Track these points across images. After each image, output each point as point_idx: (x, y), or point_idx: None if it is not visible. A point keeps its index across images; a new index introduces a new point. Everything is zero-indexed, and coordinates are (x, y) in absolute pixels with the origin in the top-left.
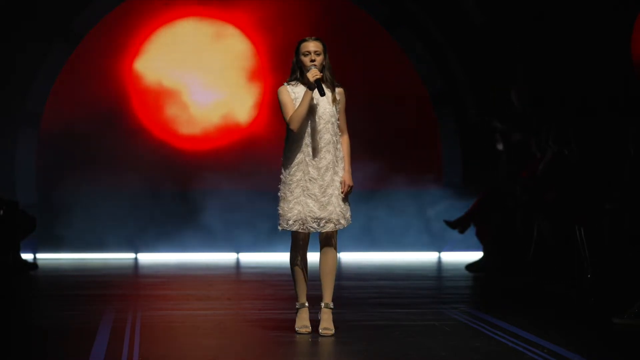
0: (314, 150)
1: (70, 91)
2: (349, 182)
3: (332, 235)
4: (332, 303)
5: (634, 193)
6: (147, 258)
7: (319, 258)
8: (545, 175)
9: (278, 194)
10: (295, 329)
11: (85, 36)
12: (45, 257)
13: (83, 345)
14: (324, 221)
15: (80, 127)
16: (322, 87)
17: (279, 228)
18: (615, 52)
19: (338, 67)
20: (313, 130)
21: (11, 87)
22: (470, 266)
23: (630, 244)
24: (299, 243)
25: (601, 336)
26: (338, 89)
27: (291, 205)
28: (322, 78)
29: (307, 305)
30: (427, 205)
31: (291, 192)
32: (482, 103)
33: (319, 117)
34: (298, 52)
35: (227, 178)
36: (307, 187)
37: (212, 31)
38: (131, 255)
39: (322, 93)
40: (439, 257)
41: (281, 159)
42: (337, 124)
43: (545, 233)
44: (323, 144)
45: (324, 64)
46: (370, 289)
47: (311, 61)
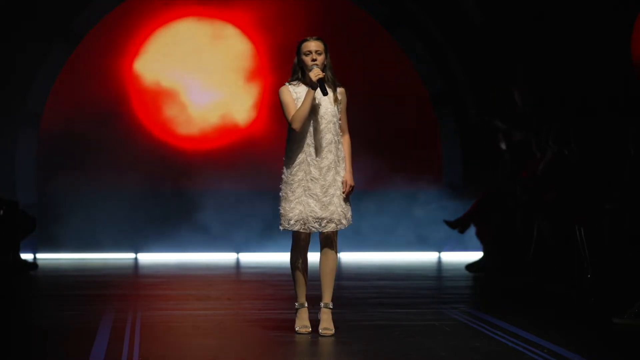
0: (316, 150)
1: (70, 91)
2: (351, 182)
3: (333, 235)
4: (332, 303)
5: (634, 193)
6: (147, 258)
7: (319, 258)
8: (545, 175)
9: (279, 194)
10: (295, 329)
11: (85, 36)
12: (45, 257)
13: (83, 345)
14: (326, 221)
15: (80, 127)
16: (325, 87)
17: (280, 228)
18: (615, 52)
19: (338, 67)
20: (315, 130)
21: (11, 87)
22: (470, 266)
23: (630, 244)
24: (300, 243)
25: (601, 336)
26: (339, 89)
27: (292, 205)
28: (324, 77)
29: (307, 305)
30: (428, 205)
31: (292, 192)
32: (482, 103)
33: (321, 117)
34: (299, 52)
35: (227, 178)
36: (309, 187)
37: (212, 31)
38: (131, 255)
39: (325, 92)
40: (439, 257)
41: (282, 159)
42: (339, 124)
43: (545, 233)
44: (325, 144)
45: (326, 64)
46: (370, 289)
47: (312, 61)
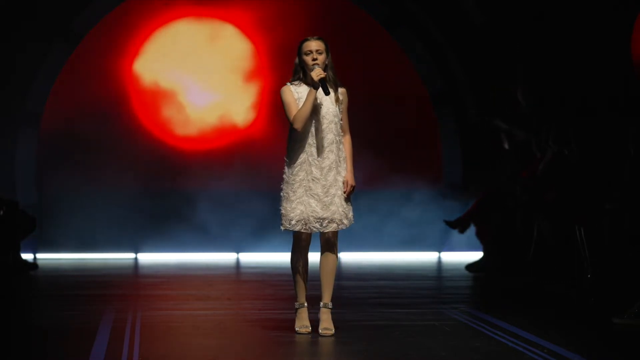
0: (318, 150)
1: (70, 91)
2: (352, 182)
3: (333, 235)
4: (331, 303)
5: (634, 193)
6: (147, 258)
7: (320, 258)
8: (545, 175)
9: (280, 194)
10: (295, 329)
11: (85, 36)
12: (45, 257)
13: (83, 345)
14: (327, 221)
15: (80, 127)
16: (327, 86)
17: (282, 228)
18: (615, 52)
19: (338, 67)
20: (316, 130)
21: (11, 87)
22: (470, 266)
23: (630, 244)
24: (301, 243)
25: (601, 336)
26: (341, 89)
27: (294, 205)
28: (326, 77)
29: (307, 305)
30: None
31: (294, 192)
32: (482, 103)
33: (323, 117)
34: (300, 52)
35: (227, 178)
36: (310, 187)
37: (212, 31)
38: (131, 255)
39: (327, 92)
40: (439, 257)
41: (284, 159)
42: (340, 124)
43: (545, 233)
44: (326, 144)
45: (327, 63)
46: (370, 289)
47: (313, 60)
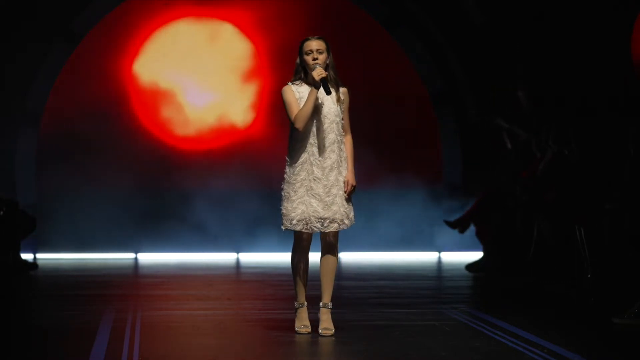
0: (319, 149)
1: (70, 91)
2: (352, 182)
3: (334, 235)
4: (331, 303)
5: (634, 193)
6: (147, 258)
7: (320, 258)
8: (545, 175)
9: (281, 193)
10: (295, 329)
11: (85, 36)
12: (45, 257)
13: (83, 345)
14: (328, 221)
15: (80, 127)
16: (328, 86)
17: (282, 228)
18: (615, 52)
19: (338, 67)
20: (318, 129)
21: (11, 87)
22: (470, 266)
23: (630, 244)
24: (302, 243)
25: (601, 336)
26: (342, 89)
27: (295, 204)
28: (327, 77)
29: (306, 304)
30: (427, 205)
31: (295, 192)
32: (482, 103)
33: (324, 117)
34: (301, 52)
35: (228, 178)
36: (311, 187)
37: (212, 32)
38: (131, 255)
39: (328, 92)
40: (439, 257)
41: (282, 159)
42: (342, 124)
43: (545, 233)
44: (328, 144)
45: (328, 63)
46: (370, 289)
47: (314, 60)
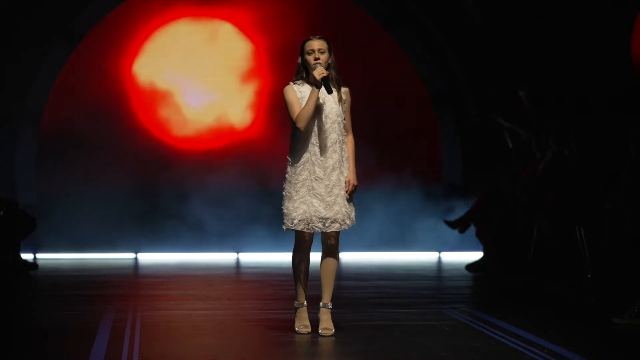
0: (321, 149)
1: (70, 91)
2: (354, 182)
3: (335, 236)
4: (331, 303)
5: (634, 193)
6: (147, 258)
7: (321, 258)
8: (545, 175)
9: (282, 193)
10: (295, 329)
11: (85, 36)
12: (45, 257)
13: (83, 345)
14: (330, 221)
15: (80, 127)
16: (329, 85)
17: (284, 227)
18: (615, 52)
19: (338, 67)
20: (319, 129)
21: (11, 87)
22: (470, 266)
23: (630, 244)
24: (304, 243)
25: (601, 336)
26: (344, 89)
27: (296, 204)
28: (328, 76)
29: (306, 304)
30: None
31: (296, 192)
32: (482, 103)
33: (326, 117)
34: (303, 51)
35: (228, 178)
36: (313, 187)
37: (212, 32)
38: (131, 255)
39: (330, 91)
40: (439, 257)
41: (286, 158)
42: (343, 124)
43: (545, 233)
44: (330, 144)
45: (329, 63)
46: (370, 289)
47: (315, 59)
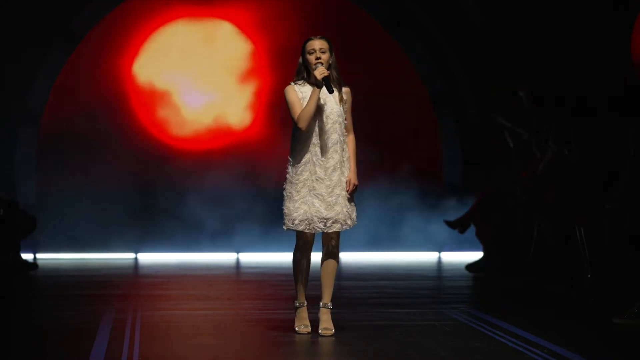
0: (322, 150)
1: (70, 91)
2: (355, 181)
3: (336, 236)
4: (331, 303)
5: (634, 193)
6: (147, 258)
7: (321, 258)
8: (545, 175)
9: (283, 193)
10: (295, 329)
11: (85, 36)
12: (45, 257)
13: (83, 345)
14: (331, 221)
15: (80, 127)
16: (330, 85)
17: (284, 227)
18: (615, 52)
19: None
20: (321, 130)
21: (11, 87)
22: (470, 266)
23: (630, 244)
24: (305, 243)
25: (601, 336)
26: (345, 89)
27: (297, 204)
28: (329, 76)
29: (306, 304)
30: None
31: (297, 192)
32: (482, 103)
33: (327, 117)
34: (304, 51)
35: (228, 178)
36: (314, 187)
37: (212, 32)
38: (131, 255)
39: (331, 90)
40: (439, 257)
41: (287, 158)
42: (344, 124)
43: (545, 233)
44: (331, 144)
45: (330, 63)
46: (370, 289)
47: (316, 59)
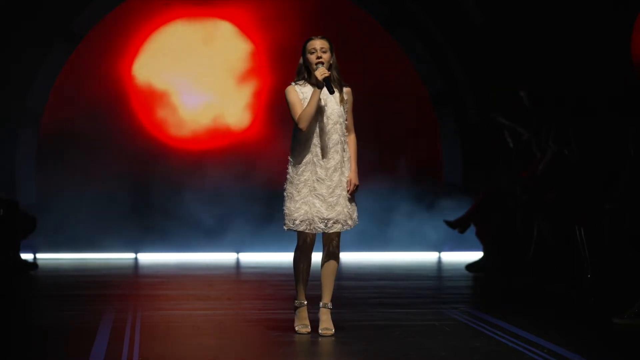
0: (323, 150)
1: (70, 91)
2: (355, 181)
3: (336, 237)
4: (331, 303)
5: (634, 193)
6: (147, 258)
7: (322, 258)
8: (545, 175)
9: (284, 194)
10: (294, 329)
11: (85, 36)
12: (45, 257)
13: (83, 345)
14: (332, 222)
15: (80, 127)
16: (331, 86)
17: (285, 228)
18: (615, 52)
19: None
20: (321, 130)
21: (11, 87)
22: (470, 266)
23: (630, 244)
24: (305, 244)
25: (601, 336)
26: (346, 89)
27: (298, 205)
28: (330, 77)
29: (306, 303)
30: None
31: (298, 192)
32: (482, 103)
33: (327, 117)
34: (305, 51)
35: (228, 178)
36: (315, 188)
37: (212, 32)
38: (131, 255)
39: (332, 91)
40: (439, 257)
41: (288, 159)
42: (345, 124)
43: (545, 233)
44: (332, 145)
45: (331, 63)
46: (370, 289)
47: (317, 58)
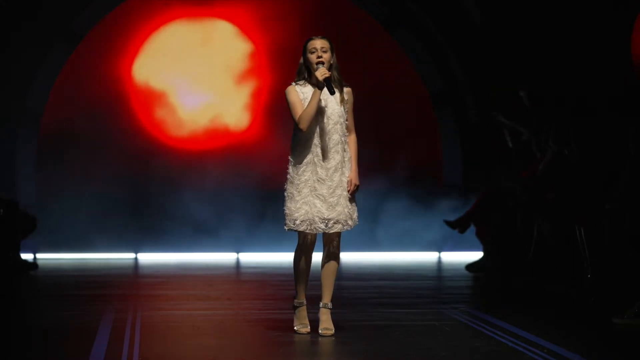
0: (323, 150)
1: (70, 91)
2: (356, 181)
3: (337, 237)
4: (331, 303)
5: (634, 193)
6: (147, 258)
7: (322, 258)
8: (545, 175)
9: (284, 194)
10: (294, 329)
11: (85, 36)
12: (45, 257)
13: (83, 345)
14: (332, 222)
15: (80, 127)
16: (332, 86)
17: (285, 228)
18: (615, 52)
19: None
20: (322, 130)
21: (11, 87)
22: (470, 266)
23: (630, 244)
24: (306, 244)
25: (601, 336)
26: (346, 89)
27: (298, 205)
28: (331, 77)
29: (306, 303)
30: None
31: (299, 192)
32: (482, 103)
33: (328, 118)
34: (305, 51)
35: (227, 178)
36: (315, 188)
37: (212, 32)
38: (131, 255)
39: (332, 92)
40: (439, 257)
41: (288, 158)
42: (346, 124)
43: (545, 233)
44: (332, 145)
45: (332, 63)
46: (370, 289)
47: (318, 58)
